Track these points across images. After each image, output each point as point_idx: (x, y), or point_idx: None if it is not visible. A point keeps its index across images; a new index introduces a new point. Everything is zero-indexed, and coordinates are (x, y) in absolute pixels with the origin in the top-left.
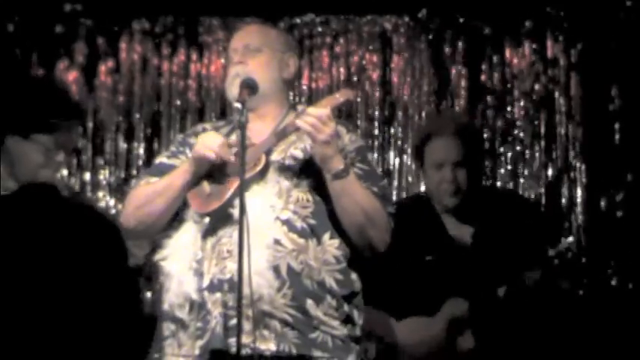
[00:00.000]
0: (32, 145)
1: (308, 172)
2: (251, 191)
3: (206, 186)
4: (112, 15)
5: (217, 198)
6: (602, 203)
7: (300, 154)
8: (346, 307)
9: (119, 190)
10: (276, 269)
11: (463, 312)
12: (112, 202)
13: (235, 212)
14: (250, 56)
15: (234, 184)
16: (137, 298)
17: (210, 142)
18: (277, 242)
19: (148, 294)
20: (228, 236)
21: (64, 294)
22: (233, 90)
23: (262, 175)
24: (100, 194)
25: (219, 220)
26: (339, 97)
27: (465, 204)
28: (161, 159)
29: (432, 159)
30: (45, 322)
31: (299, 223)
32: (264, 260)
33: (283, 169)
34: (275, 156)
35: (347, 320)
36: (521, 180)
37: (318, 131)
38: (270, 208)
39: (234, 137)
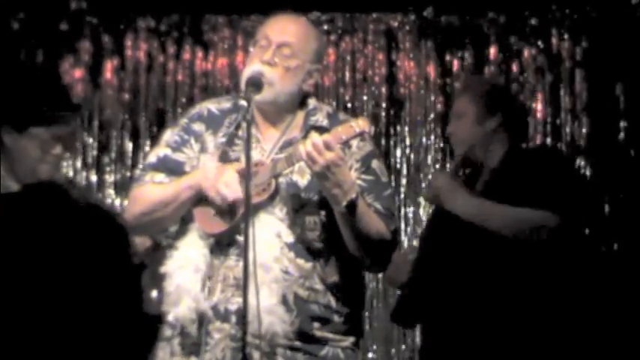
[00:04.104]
0: (28, 140)
1: (316, 189)
2: (258, 219)
3: (212, 205)
4: (117, 13)
5: (223, 221)
6: (607, 201)
7: (306, 168)
8: (352, 320)
9: (125, 188)
10: (284, 299)
11: None
12: (117, 200)
13: (242, 239)
14: (282, 59)
15: (240, 210)
16: (141, 297)
17: (214, 181)
18: (285, 272)
19: (154, 293)
20: (235, 260)
21: (68, 293)
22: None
23: (271, 200)
24: (106, 193)
25: (224, 241)
26: (355, 127)
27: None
28: (165, 150)
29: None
30: (49, 322)
31: (306, 248)
32: (273, 296)
33: (291, 187)
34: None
35: (353, 330)
36: None
37: (312, 161)
38: (277, 238)
39: (243, 140)
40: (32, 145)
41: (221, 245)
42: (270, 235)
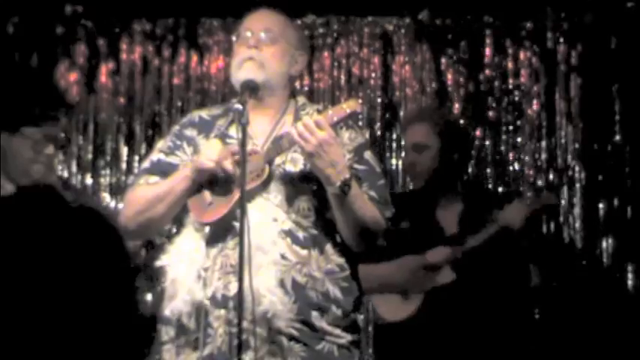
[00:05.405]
0: (20, 140)
1: (309, 177)
2: (253, 204)
3: (207, 195)
4: (113, 16)
5: (218, 209)
6: (601, 206)
7: (299, 157)
8: (351, 315)
9: (120, 191)
10: (282, 283)
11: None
12: (112, 203)
13: (238, 225)
14: (266, 44)
15: (235, 196)
16: (136, 299)
17: (211, 152)
18: (282, 257)
19: (149, 295)
20: (231, 248)
21: (63, 295)
22: (241, 72)
23: (265, 186)
24: (101, 196)
25: (220, 230)
26: (346, 107)
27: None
28: (159, 155)
29: (406, 141)
30: (44, 323)
31: (301, 234)
32: (272, 277)
33: (285, 176)
34: (276, 160)
35: (351, 327)
36: (521, 182)
37: (305, 141)
38: (274, 222)
39: (234, 139)
40: (24, 145)
41: (217, 234)
42: (267, 218)
